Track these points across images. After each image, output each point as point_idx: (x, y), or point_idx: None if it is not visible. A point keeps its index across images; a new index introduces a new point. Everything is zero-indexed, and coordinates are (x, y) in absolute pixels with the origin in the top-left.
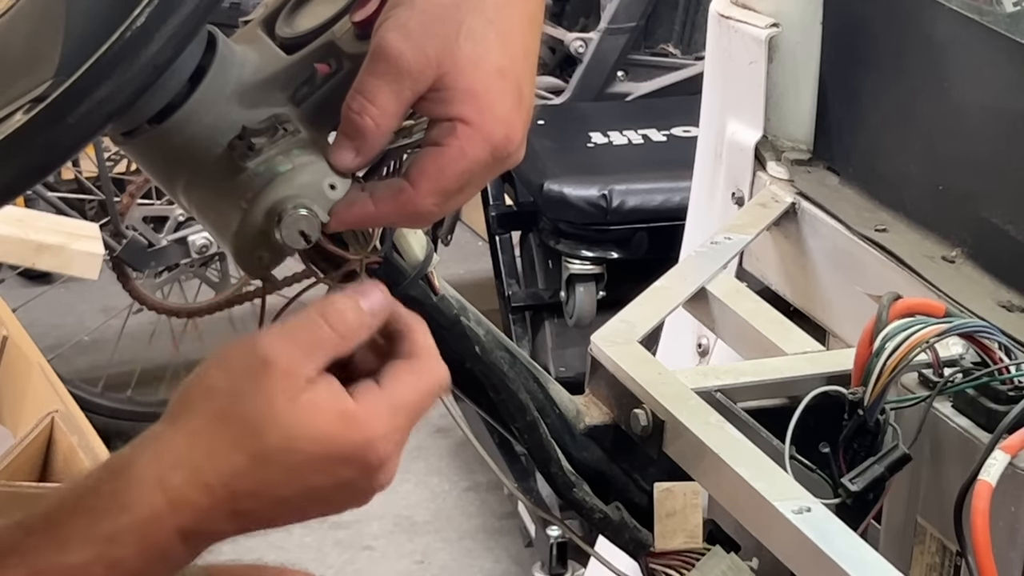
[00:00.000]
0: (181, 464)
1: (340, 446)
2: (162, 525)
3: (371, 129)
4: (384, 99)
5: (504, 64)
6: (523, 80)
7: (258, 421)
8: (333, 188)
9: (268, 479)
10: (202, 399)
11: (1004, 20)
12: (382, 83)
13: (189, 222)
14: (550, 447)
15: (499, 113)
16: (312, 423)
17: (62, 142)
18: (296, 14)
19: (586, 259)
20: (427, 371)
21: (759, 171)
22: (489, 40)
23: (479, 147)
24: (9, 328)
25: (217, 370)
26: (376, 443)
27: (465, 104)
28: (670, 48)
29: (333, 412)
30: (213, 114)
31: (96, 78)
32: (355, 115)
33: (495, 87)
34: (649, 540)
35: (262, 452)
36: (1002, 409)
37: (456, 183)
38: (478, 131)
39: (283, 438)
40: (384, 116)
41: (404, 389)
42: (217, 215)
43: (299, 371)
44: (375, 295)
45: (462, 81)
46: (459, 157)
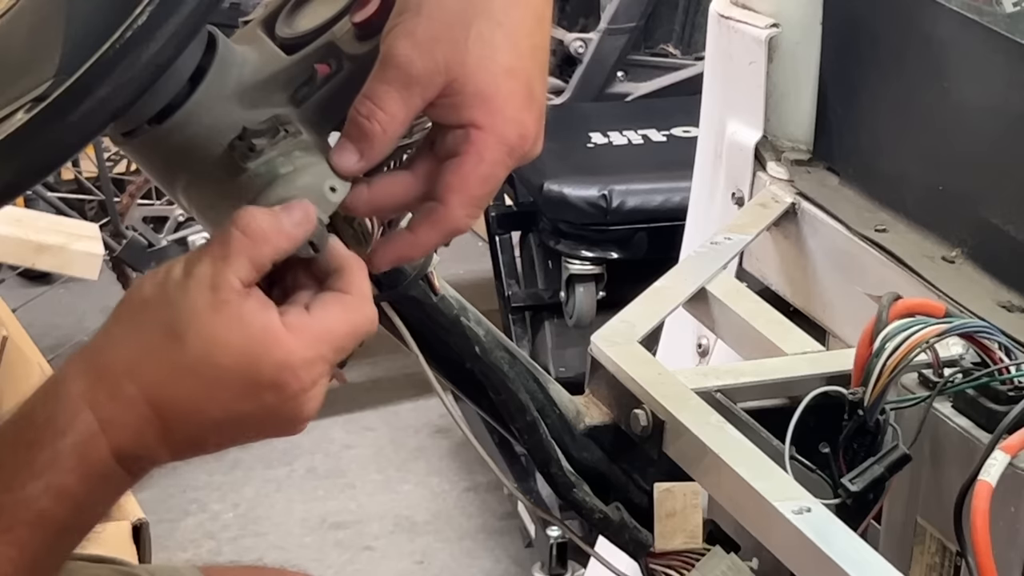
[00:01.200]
0: (103, 378)
1: (259, 363)
2: (97, 445)
3: (378, 134)
4: (393, 105)
5: (513, 64)
6: (533, 78)
7: (180, 329)
8: (334, 190)
9: (189, 393)
10: (130, 309)
11: (1004, 20)
12: (391, 89)
13: (189, 222)
14: (550, 447)
15: (510, 113)
16: (233, 334)
17: (63, 141)
18: (296, 14)
19: (586, 259)
20: (357, 308)
21: (759, 171)
22: (497, 42)
23: (495, 150)
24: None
25: (149, 283)
26: (296, 367)
27: (476, 108)
28: (670, 48)
29: (256, 326)
30: (213, 114)
31: (97, 77)
32: (363, 119)
33: (505, 88)
34: (649, 540)
35: (182, 361)
36: (1002, 409)
37: (482, 189)
38: (492, 134)
39: (203, 347)
40: (392, 122)
41: (332, 320)
42: (217, 216)
43: (224, 280)
44: (296, 208)
45: (471, 85)
46: (479, 163)
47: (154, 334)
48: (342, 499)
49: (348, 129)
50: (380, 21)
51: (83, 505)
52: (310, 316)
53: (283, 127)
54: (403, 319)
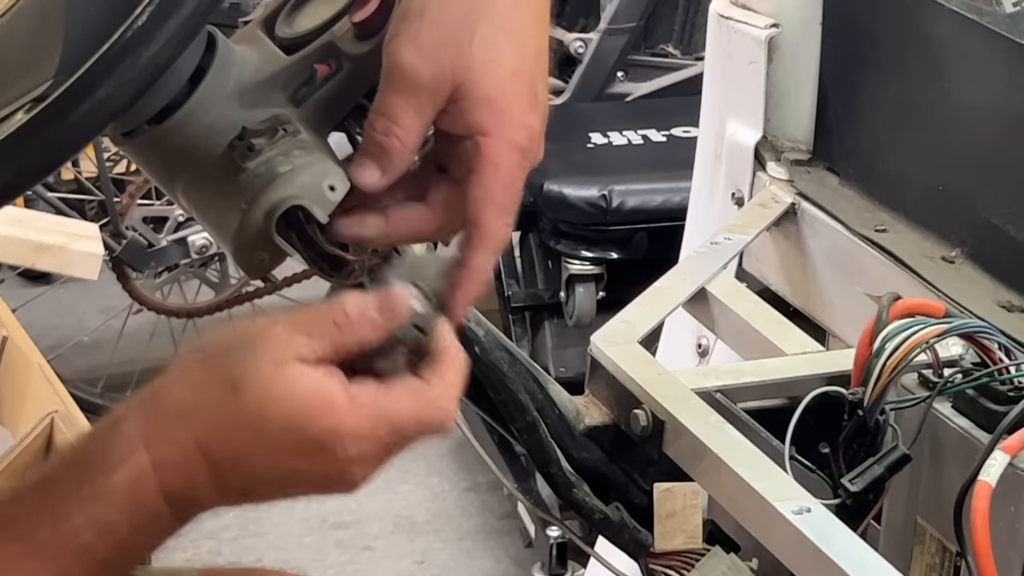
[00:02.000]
0: (159, 419)
1: (309, 424)
2: (147, 485)
3: (397, 149)
4: (407, 117)
5: (517, 67)
6: (536, 79)
7: (238, 381)
8: (333, 189)
9: (240, 443)
10: (197, 360)
11: (1004, 20)
12: (402, 101)
13: (189, 222)
14: (550, 447)
15: (517, 116)
16: (289, 393)
17: (63, 142)
18: (296, 14)
19: (586, 259)
20: (431, 403)
21: (759, 171)
22: (500, 45)
23: (507, 154)
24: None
25: (218, 339)
26: (346, 438)
27: (483, 112)
28: (670, 48)
29: (314, 390)
30: (213, 114)
31: (97, 78)
32: (381, 136)
33: (510, 91)
34: (649, 540)
35: (235, 412)
36: (1002, 409)
37: (508, 195)
38: (501, 139)
39: (257, 400)
40: (409, 134)
41: (399, 405)
42: (217, 215)
43: (291, 346)
44: (389, 296)
45: (478, 89)
46: (496, 170)
47: (213, 382)
48: (342, 499)
49: (367, 147)
50: (380, 21)
51: (126, 543)
52: (377, 393)
53: (282, 127)
54: None
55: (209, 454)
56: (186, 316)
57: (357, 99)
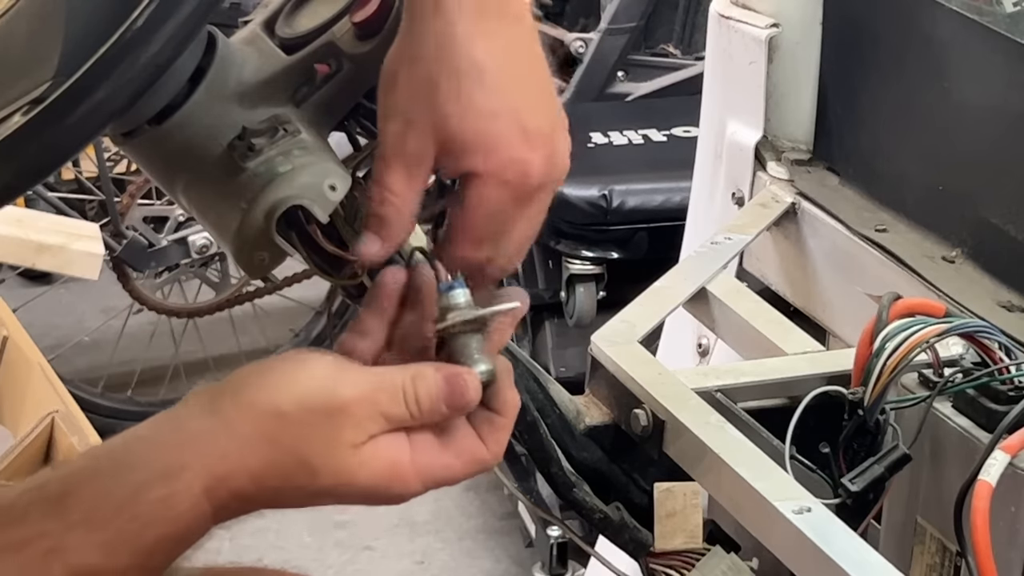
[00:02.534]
0: (229, 478)
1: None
2: (202, 530)
3: (394, 216)
4: (399, 184)
5: (492, 107)
6: (522, 111)
7: (316, 463)
8: (333, 189)
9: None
10: (265, 418)
11: (1004, 20)
12: (392, 170)
13: (189, 222)
14: (550, 447)
15: (504, 154)
16: (363, 472)
17: (61, 143)
18: (296, 14)
19: (586, 259)
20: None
21: (759, 171)
22: (467, 93)
23: (495, 191)
24: (9, 328)
25: (290, 393)
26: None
27: (469, 158)
28: (670, 48)
29: (386, 463)
30: (213, 114)
31: (95, 80)
32: (377, 206)
33: (492, 131)
34: (649, 540)
35: (310, 490)
36: (1002, 409)
37: (485, 229)
38: (489, 177)
39: (333, 483)
40: (404, 201)
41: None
42: (217, 215)
43: (369, 427)
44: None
45: (458, 140)
46: (478, 206)
47: (287, 457)
48: None
49: (367, 219)
50: (380, 21)
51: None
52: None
53: (282, 126)
54: None
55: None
56: (186, 316)
57: (357, 99)
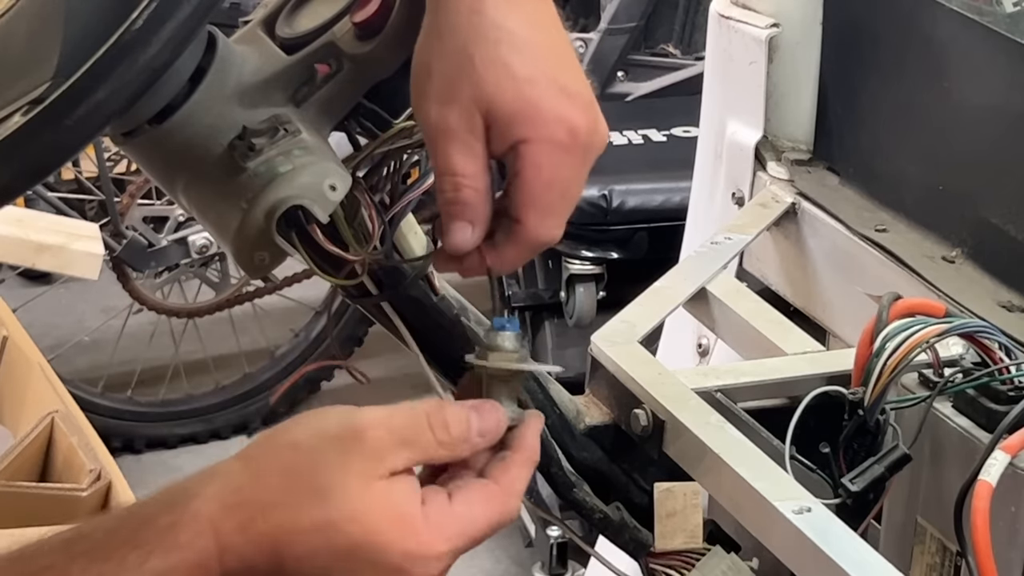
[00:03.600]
0: (238, 509)
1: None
2: (209, 568)
3: (472, 197)
4: (464, 164)
5: (528, 73)
6: (558, 74)
7: (327, 489)
8: (334, 189)
9: (315, 550)
10: (282, 449)
11: (1004, 20)
12: (452, 153)
13: (189, 222)
14: (550, 447)
15: (550, 116)
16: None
17: (60, 144)
18: (296, 14)
19: (586, 259)
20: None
21: (759, 171)
22: (501, 60)
23: (548, 154)
24: (9, 328)
25: (306, 427)
26: (426, 559)
27: (515, 126)
28: (670, 48)
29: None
30: (213, 114)
31: (94, 80)
32: (452, 193)
33: (532, 96)
34: (649, 540)
35: (319, 521)
36: (1002, 409)
37: (550, 194)
38: (540, 142)
39: (342, 516)
40: (475, 178)
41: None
42: (217, 215)
43: (385, 458)
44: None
45: (501, 108)
46: (537, 173)
47: (299, 485)
48: None
49: (446, 211)
50: (380, 21)
51: None
52: (452, 509)
53: (283, 126)
54: (403, 319)
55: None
56: (186, 316)
57: (357, 99)
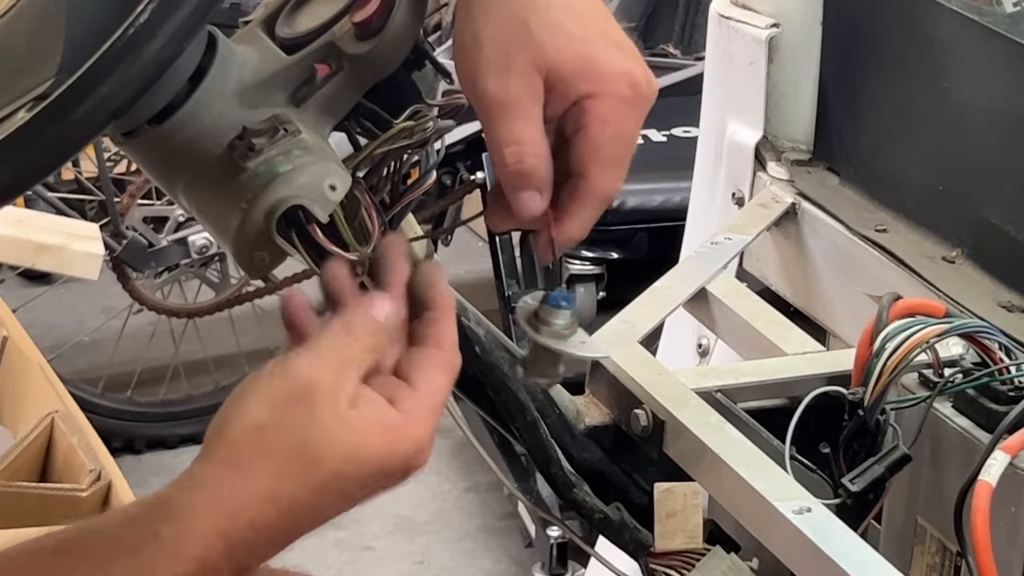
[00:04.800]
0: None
1: (392, 460)
2: (220, 570)
3: (536, 164)
4: (525, 131)
5: (584, 32)
6: (611, 32)
7: (315, 451)
8: (333, 189)
9: (326, 505)
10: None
11: (1004, 20)
12: (512, 121)
13: (189, 222)
14: (550, 447)
15: (610, 70)
16: (365, 443)
17: (64, 140)
18: (296, 14)
19: (586, 259)
20: (450, 365)
21: (759, 171)
22: (555, 21)
23: (614, 108)
24: (9, 328)
25: (258, 405)
26: (424, 448)
27: (577, 84)
28: (670, 48)
29: (380, 427)
30: (213, 114)
31: (98, 76)
32: (517, 164)
33: (590, 53)
34: (649, 540)
35: (322, 482)
36: (1002, 409)
37: (616, 149)
38: (603, 96)
39: (341, 462)
40: (536, 145)
41: (435, 387)
42: (217, 215)
43: (341, 390)
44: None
45: (561, 69)
46: (604, 126)
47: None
48: None
49: (512, 182)
50: (380, 21)
51: None
52: (417, 393)
53: (283, 126)
54: None
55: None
56: (186, 316)
57: (357, 99)
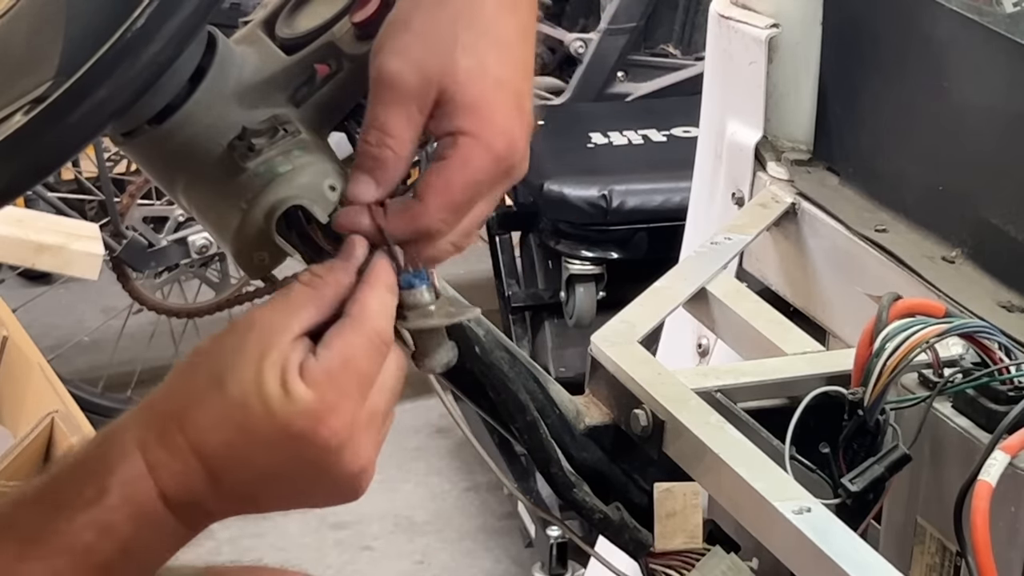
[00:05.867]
0: (153, 423)
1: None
2: (144, 486)
3: (391, 159)
4: (398, 127)
5: (501, 75)
6: (522, 92)
7: (223, 375)
8: (333, 189)
9: (229, 439)
10: (188, 359)
11: (1004, 20)
12: (391, 111)
13: (189, 222)
14: (550, 447)
15: (499, 123)
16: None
17: (62, 142)
18: (296, 15)
19: (586, 259)
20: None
21: (759, 171)
22: (484, 52)
23: (481, 157)
24: (9, 328)
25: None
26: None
27: (466, 117)
28: (670, 48)
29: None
30: (213, 115)
31: (96, 78)
32: (373, 148)
33: (494, 98)
34: (649, 540)
35: (221, 407)
36: (1002, 409)
37: (463, 195)
38: (480, 142)
39: (239, 392)
40: (402, 143)
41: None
42: (217, 215)
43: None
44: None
45: (460, 95)
46: (463, 168)
47: (200, 381)
48: None
49: (361, 161)
50: (380, 21)
51: (130, 547)
52: (316, 360)
53: (282, 127)
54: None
55: (203, 456)
56: (186, 316)
57: (357, 99)
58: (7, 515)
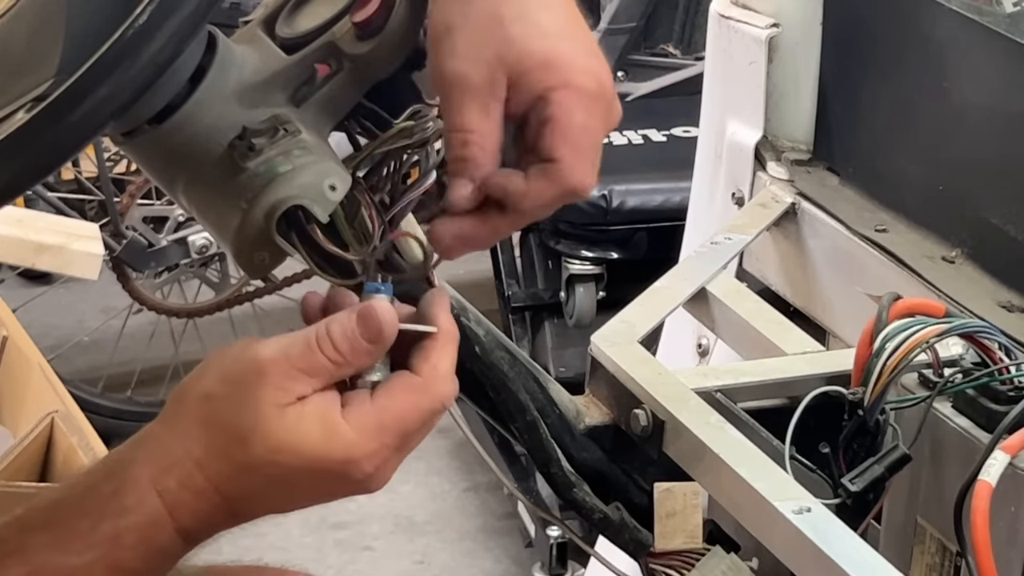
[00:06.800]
0: (173, 468)
1: (321, 462)
2: (163, 527)
3: (479, 155)
4: (476, 121)
5: (559, 29)
6: (586, 36)
7: (245, 431)
8: (333, 189)
9: (254, 486)
10: (197, 403)
11: (1004, 20)
12: (465, 109)
13: (189, 222)
14: (550, 447)
15: (579, 66)
16: (295, 437)
17: (63, 141)
18: (296, 14)
19: (586, 259)
20: (425, 391)
21: (759, 171)
22: (534, 15)
23: (580, 101)
24: (9, 328)
25: (213, 375)
26: (359, 462)
27: (544, 74)
28: (670, 48)
29: (317, 426)
30: (213, 114)
31: (97, 77)
32: (458, 149)
33: (562, 48)
34: (649, 540)
35: (247, 462)
36: (1002, 409)
37: (585, 139)
38: (569, 89)
39: (267, 450)
40: (485, 137)
41: (395, 409)
42: (217, 215)
43: (290, 388)
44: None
45: (528, 59)
46: (571, 116)
47: (219, 433)
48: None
49: (452, 168)
50: (380, 21)
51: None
52: (372, 406)
53: (283, 126)
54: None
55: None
56: (186, 316)
57: (357, 99)
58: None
